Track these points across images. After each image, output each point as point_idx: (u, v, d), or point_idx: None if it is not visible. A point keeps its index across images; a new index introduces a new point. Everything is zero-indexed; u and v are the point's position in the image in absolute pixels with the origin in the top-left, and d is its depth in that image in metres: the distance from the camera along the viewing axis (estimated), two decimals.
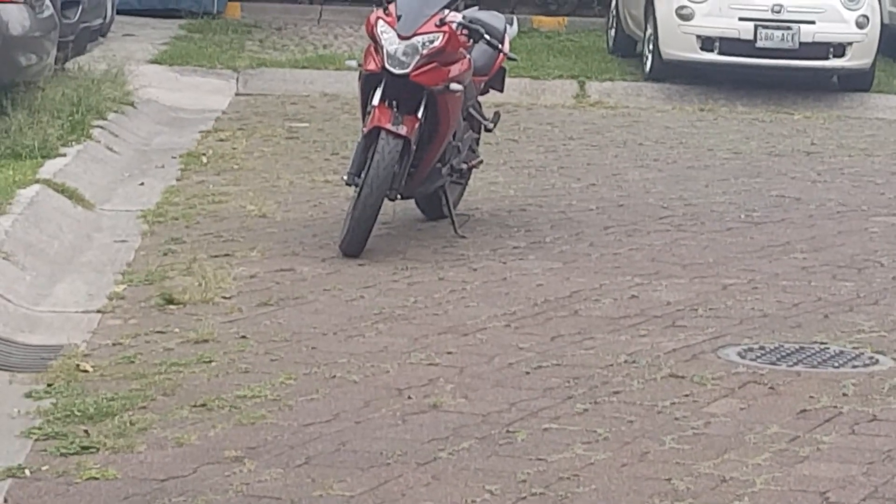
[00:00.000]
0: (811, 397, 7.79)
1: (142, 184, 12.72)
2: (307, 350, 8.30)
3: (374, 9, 10.74)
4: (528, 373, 8.07)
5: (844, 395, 7.87)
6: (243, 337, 8.43)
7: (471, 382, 7.93)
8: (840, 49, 17.77)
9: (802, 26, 17.49)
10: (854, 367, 8.34)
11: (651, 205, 12.30)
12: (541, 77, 17.60)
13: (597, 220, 11.66)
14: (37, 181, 10.98)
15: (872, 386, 8.03)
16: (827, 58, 17.80)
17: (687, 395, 7.85)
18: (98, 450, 6.62)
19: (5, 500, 6.20)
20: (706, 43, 17.86)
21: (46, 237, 10.20)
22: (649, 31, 18.60)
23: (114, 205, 11.64)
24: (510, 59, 11.76)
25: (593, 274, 10.07)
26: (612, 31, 20.78)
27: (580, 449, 6.88)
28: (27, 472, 6.40)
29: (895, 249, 11.12)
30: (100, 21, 17.26)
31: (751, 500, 6.45)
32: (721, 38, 17.71)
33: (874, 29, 17.84)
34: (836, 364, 8.39)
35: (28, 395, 7.46)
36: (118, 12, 19.54)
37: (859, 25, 17.70)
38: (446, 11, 10.61)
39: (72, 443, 6.70)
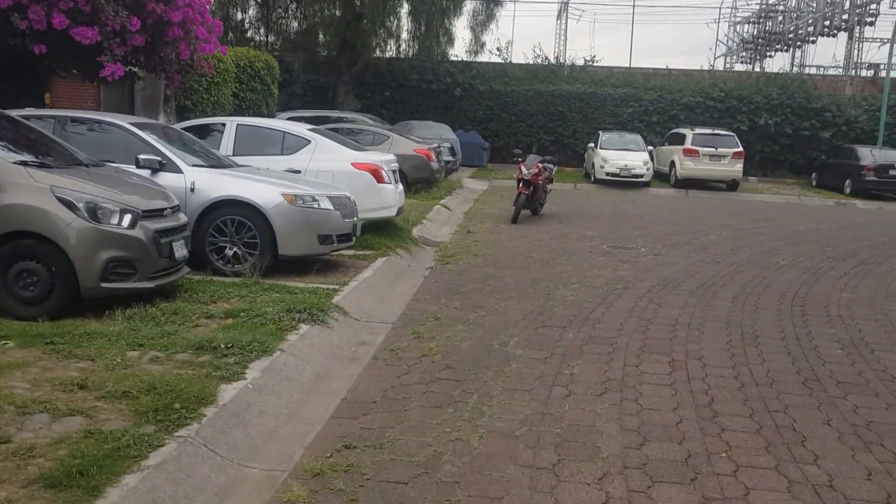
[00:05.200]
0: (624, 256, 7.73)
1: (465, 207, 12.51)
2: (499, 244, 8.31)
3: (520, 162, 10.40)
4: (552, 249, 8.02)
5: (631, 256, 7.76)
6: (486, 240, 8.48)
7: (539, 249, 7.92)
8: (642, 176, 16.40)
9: (633, 169, 16.32)
10: (635, 251, 8.13)
11: (592, 213, 11.68)
12: (563, 182, 16.42)
13: (578, 216, 11.17)
14: (438, 204, 10.93)
15: (639, 255, 7.84)
16: (639, 178, 16.49)
17: (592, 257, 7.72)
18: (449, 263, 6.92)
19: (429, 274, 6.48)
20: (609, 174, 16.56)
21: (440, 217, 10.17)
22: (592, 169, 17.30)
23: (458, 210, 11.49)
24: (553, 174, 11.35)
25: (575, 228, 9.79)
26: (584, 170, 18.94)
27: (559, 266, 6.96)
28: (433, 267, 6.72)
29: (647, 230, 10.41)
30: (457, 166, 16.87)
31: (605, 279, 6.52)
32: (612, 172, 16.43)
33: (651, 171, 16.55)
34: (631, 249, 8.21)
35: (435, 251, 7.65)
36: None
37: (648, 170, 16.42)
38: (540, 163, 10.31)
39: (443, 262, 6.99)
